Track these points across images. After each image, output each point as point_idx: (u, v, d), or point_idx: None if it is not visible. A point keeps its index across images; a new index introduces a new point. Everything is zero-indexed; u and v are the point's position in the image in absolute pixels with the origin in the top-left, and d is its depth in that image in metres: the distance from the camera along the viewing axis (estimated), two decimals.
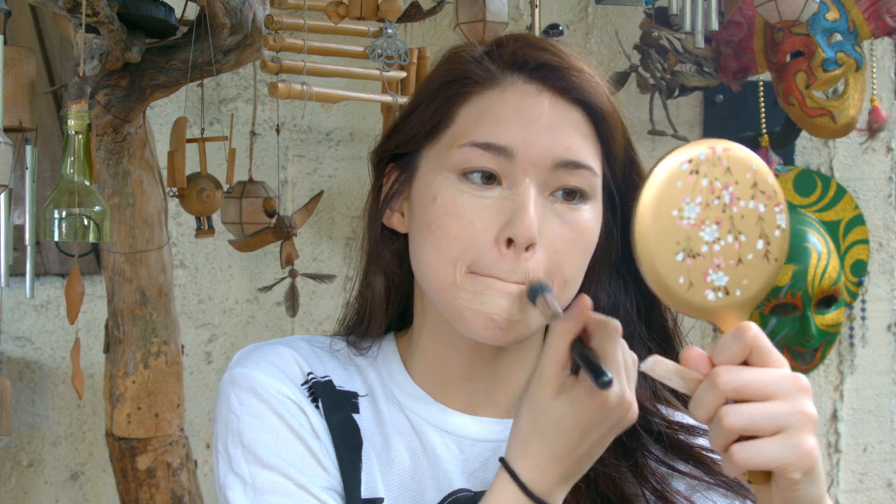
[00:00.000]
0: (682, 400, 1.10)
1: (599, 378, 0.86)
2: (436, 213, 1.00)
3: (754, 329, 0.87)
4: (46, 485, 2.34)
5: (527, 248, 0.97)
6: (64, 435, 2.35)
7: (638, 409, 0.92)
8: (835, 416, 2.85)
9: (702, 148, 0.88)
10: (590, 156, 1.01)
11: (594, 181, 1.01)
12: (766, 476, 0.85)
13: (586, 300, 0.91)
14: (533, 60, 1.01)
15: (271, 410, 1.00)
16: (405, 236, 1.08)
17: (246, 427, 1.00)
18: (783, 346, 2.70)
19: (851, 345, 2.84)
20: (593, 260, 1.05)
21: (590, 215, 1.01)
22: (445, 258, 0.99)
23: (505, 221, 0.97)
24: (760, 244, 0.88)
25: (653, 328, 1.10)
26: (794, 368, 2.94)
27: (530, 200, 0.97)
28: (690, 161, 0.87)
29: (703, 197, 0.87)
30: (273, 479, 0.97)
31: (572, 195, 1.00)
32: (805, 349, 2.70)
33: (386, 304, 1.10)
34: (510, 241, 0.97)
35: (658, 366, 0.88)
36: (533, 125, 0.99)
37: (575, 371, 0.92)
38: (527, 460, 0.92)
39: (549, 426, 0.91)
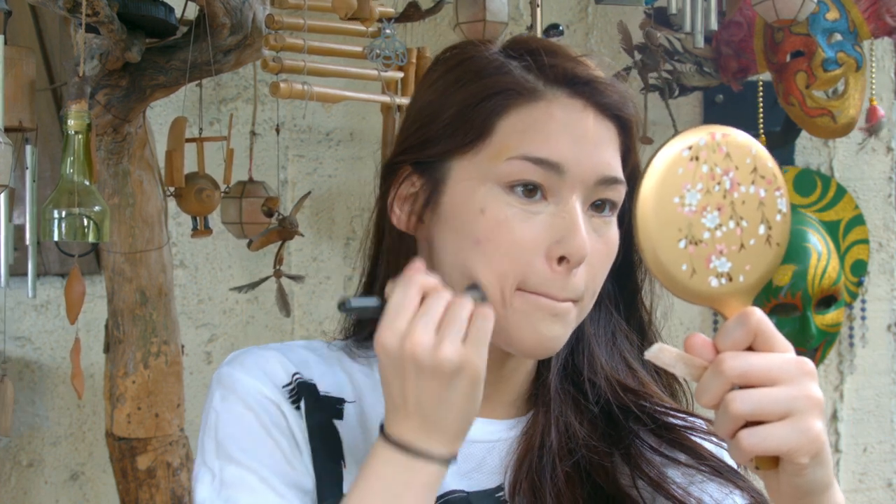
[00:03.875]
0: (669, 392, 1.11)
1: (339, 304, 0.96)
2: (485, 226, 0.99)
3: (758, 314, 0.86)
4: (46, 485, 2.34)
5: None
6: (64, 435, 2.35)
7: (459, 356, 0.92)
8: (835, 416, 2.85)
9: (701, 134, 0.87)
10: (619, 169, 1.02)
11: (623, 192, 1.03)
12: (773, 461, 0.85)
13: (415, 264, 0.96)
14: (579, 77, 1.01)
15: (248, 408, 1.02)
16: (413, 239, 1.07)
17: (222, 423, 1.02)
18: None
19: (851, 345, 2.85)
20: None
21: (616, 227, 1.03)
22: (495, 273, 0.99)
23: (555, 239, 0.98)
24: (762, 229, 0.88)
25: (631, 322, 1.11)
26: None
27: (580, 218, 0.98)
28: (690, 148, 0.87)
29: (704, 183, 0.87)
30: (239, 473, 0.99)
31: (602, 206, 1.01)
32: (805, 349, 2.70)
33: None
34: (561, 259, 0.98)
35: (662, 353, 0.88)
36: (581, 142, 0.99)
37: None
38: (385, 415, 0.96)
39: (381, 382, 0.96)
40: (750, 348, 0.86)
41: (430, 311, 0.93)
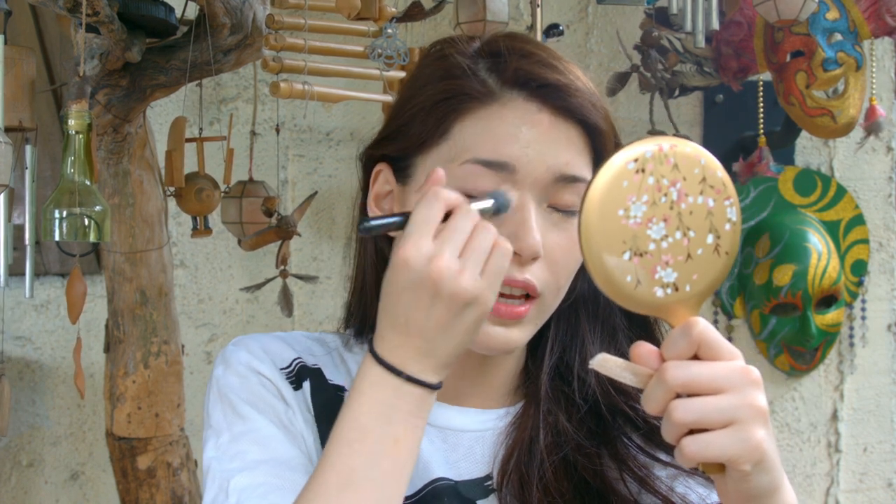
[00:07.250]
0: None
1: (359, 224, 0.93)
2: None
3: (702, 324, 0.87)
4: (46, 485, 2.34)
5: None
6: (64, 435, 2.35)
7: (476, 289, 0.92)
8: (835, 416, 2.85)
9: (649, 146, 0.87)
10: (585, 168, 1.03)
11: None
12: (719, 466, 0.86)
13: (437, 173, 0.95)
14: (536, 80, 1.01)
15: (246, 376, 1.07)
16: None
17: (224, 389, 1.08)
18: (783, 346, 2.71)
19: (851, 345, 2.84)
20: None
21: None
22: None
23: (506, 235, 0.99)
24: (710, 239, 0.88)
25: (633, 318, 1.11)
26: (794, 368, 2.92)
27: (531, 216, 0.99)
28: (636, 160, 0.87)
29: (650, 195, 0.87)
30: (243, 427, 1.04)
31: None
32: (805, 349, 2.70)
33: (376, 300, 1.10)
34: (514, 254, 0.99)
35: (607, 362, 0.88)
36: (533, 142, 1.00)
37: None
38: (377, 335, 0.94)
39: (383, 296, 0.94)
40: (697, 356, 0.86)
41: (457, 235, 0.92)
